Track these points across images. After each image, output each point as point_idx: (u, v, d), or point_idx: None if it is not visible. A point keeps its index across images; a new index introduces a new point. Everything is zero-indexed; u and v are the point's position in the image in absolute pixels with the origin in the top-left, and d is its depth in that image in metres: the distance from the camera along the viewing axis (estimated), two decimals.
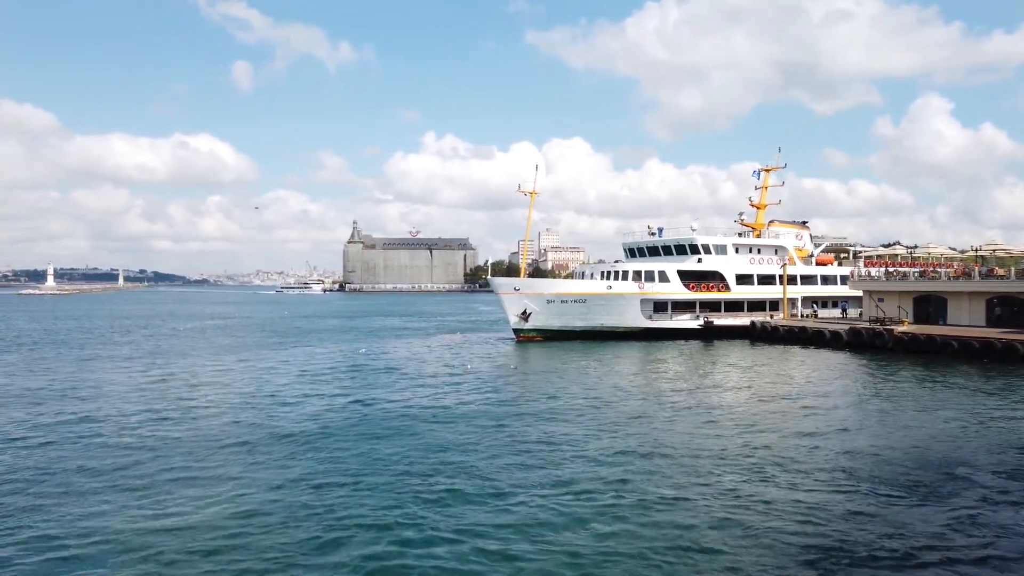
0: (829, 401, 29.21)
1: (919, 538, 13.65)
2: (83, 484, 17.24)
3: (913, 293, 53.18)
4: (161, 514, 15.03)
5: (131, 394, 31.21)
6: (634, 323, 58.88)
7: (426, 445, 21.27)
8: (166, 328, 78.43)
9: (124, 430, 23.51)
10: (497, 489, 16.73)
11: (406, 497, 16.14)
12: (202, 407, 27.90)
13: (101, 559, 12.77)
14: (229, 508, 15.36)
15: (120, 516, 14.91)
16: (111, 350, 52.34)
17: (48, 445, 21.34)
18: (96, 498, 16.16)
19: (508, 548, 13.11)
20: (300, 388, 33.17)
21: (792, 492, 16.47)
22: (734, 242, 64.63)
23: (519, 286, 59.13)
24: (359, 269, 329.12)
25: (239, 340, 62.15)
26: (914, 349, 45.26)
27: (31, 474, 18.14)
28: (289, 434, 22.91)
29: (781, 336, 55.52)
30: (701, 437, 22.37)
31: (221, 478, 17.72)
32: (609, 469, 18.52)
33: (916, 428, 23.79)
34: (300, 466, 18.93)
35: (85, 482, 17.44)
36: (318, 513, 15.12)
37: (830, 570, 12.14)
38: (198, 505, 15.60)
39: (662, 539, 13.58)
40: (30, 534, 13.95)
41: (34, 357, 47.28)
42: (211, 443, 21.57)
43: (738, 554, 12.82)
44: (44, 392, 31.90)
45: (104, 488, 16.91)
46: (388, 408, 27.71)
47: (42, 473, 18.23)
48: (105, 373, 38.79)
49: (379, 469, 18.60)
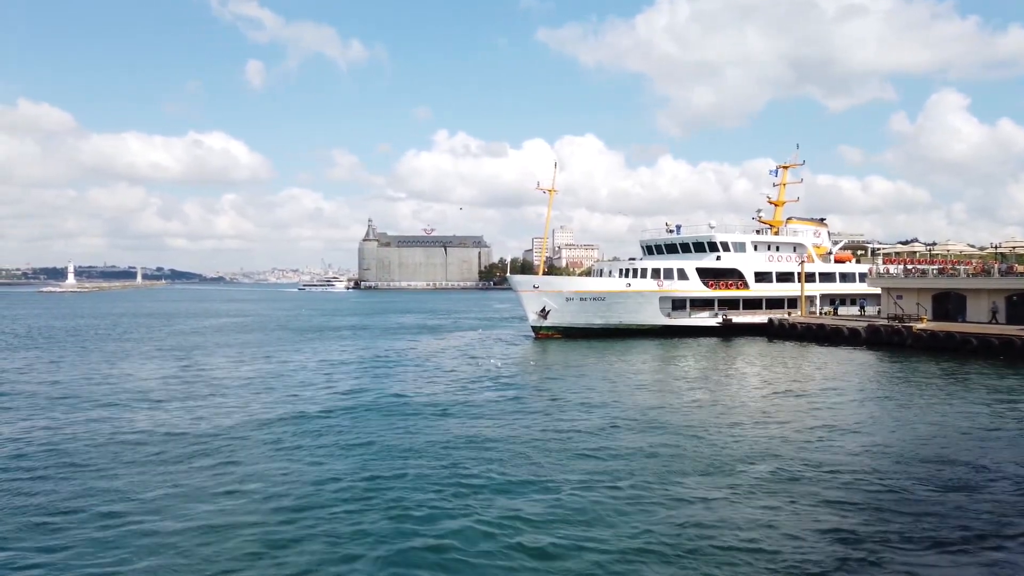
0: (849, 398, 29.62)
1: (946, 532, 14.05)
2: (130, 473, 18.11)
3: (932, 290, 53.30)
4: (200, 512, 15.80)
5: (194, 392, 32.18)
6: (653, 320, 59.37)
7: (457, 438, 21.97)
8: (205, 325, 79.77)
9: (194, 427, 24.39)
10: (524, 480, 17.36)
11: (448, 486, 16.81)
12: (239, 401, 28.79)
13: (162, 541, 13.57)
14: (274, 501, 16.10)
15: (180, 503, 15.74)
16: (167, 352, 53.49)
17: (95, 437, 22.23)
18: (149, 484, 17.00)
19: (536, 541, 13.57)
20: (333, 383, 33.98)
21: (816, 488, 16.89)
22: (753, 239, 64.90)
23: (538, 284, 59.76)
24: (374, 267, 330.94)
25: (277, 336, 63.26)
26: (933, 346, 45.45)
27: (69, 469, 19.00)
28: (326, 427, 23.70)
29: (799, 333, 55.82)
30: (722, 433, 22.88)
31: (265, 472, 18.46)
32: (633, 462, 19.11)
33: (937, 425, 24.16)
34: (338, 458, 19.68)
35: (132, 472, 18.30)
36: (365, 501, 15.86)
37: (858, 565, 12.57)
38: (252, 498, 16.38)
39: (687, 533, 14.03)
40: (85, 520, 14.77)
41: (73, 354, 48.50)
42: (256, 437, 22.40)
43: (762, 548, 13.23)
44: (96, 389, 32.93)
45: (159, 475, 17.76)
46: (418, 402, 28.41)
47: (84, 465, 19.11)
48: (160, 371, 39.85)
49: (416, 461, 19.31)
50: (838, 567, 12.42)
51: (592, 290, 59.45)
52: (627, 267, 61.40)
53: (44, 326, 78.01)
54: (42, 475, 18.01)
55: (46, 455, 19.98)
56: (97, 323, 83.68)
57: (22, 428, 23.66)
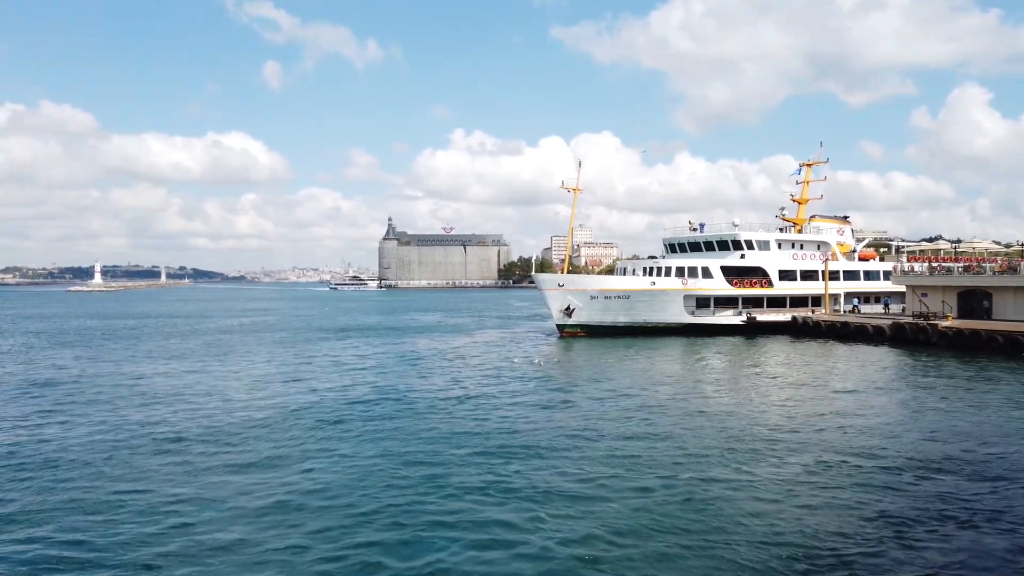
0: (879, 396, 30.10)
1: (974, 533, 14.49)
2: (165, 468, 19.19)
3: (957, 288, 53.33)
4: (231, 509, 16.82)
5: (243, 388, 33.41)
6: (677, 319, 59.89)
7: (489, 431, 22.89)
8: (241, 323, 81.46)
9: (247, 421, 25.52)
10: (554, 474, 18.16)
11: (480, 479, 17.73)
12: (276, 397, 29.94)
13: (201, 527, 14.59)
14: (315, 494, 16.99)
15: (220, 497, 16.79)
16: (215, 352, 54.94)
17: (137, 431, 23.41)
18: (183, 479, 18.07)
19: (570, 535, 14.09)
20: (366, 381, 35.04)
21: (844, 490, 17.26)
22: (777, 238, 65.15)
23: (563, 282, 60.51)
24: (394, 265, 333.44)
25: (311, 336, 64.67)
26: (959, 344, 45.63)
27: (113, 460, 20.13)
28: (360, 422, 24.72)
29: (823, 331, 56.12)
30: (749, 430, 23.47)
31: (304, 468, 19.30)
32: (665, 456, 19.88)
33: (965, 424, 24.48)
34: (371, 451, 20.65)
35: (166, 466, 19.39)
36: (400, 494, 16.81)
37: (888, 563, 13.03)
38: (299, 487, 17.41)
39: (720, 528, 14.60)
40: (124, 505, 15.84)
41: (120, 353, 50.05)
42: (295, 431, 23.48)
43: (790, 545, 13.71)
44: (149, 388, 34.26)
45: (201, 470, 18.84)
46: (449, 399, 29.37)
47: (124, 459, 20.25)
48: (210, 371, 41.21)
49: (449, 454, 20.23)
50: (874, 555, 13.11)
51: (616, 288, 60.10)
52: (651, 265, 61.92)
53: (96, 326, 79.88)
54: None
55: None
56: (151, 323, 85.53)
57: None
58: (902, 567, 12.51)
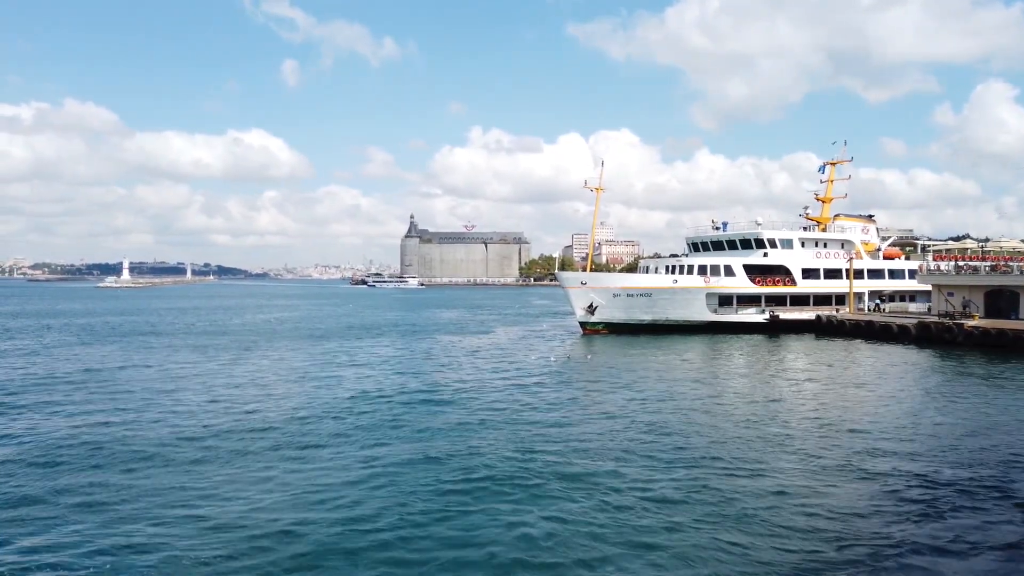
0: (904, 395, 30.24)
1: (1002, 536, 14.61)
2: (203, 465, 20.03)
3: (984, 287, 52.98)
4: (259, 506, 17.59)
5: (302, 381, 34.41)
6: (699, 317, 60.11)
7: (519, 424, 23.53)
8: (281, 317, 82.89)
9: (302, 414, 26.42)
10: (582, 469, 18.76)
11: (505, 476, 18.37)
12: (304, 395, 30.85)
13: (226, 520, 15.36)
14: (339, 491, 17.62)
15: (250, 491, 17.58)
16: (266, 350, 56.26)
17: (174, 426, 24.33)
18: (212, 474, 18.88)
19: (589, 530, 14.45)
20: (393, 378, 35.91)
21: (866, 494, 17.37)
22: (800, 236, 65.09)
23: (586, 280, 61.02)
24: (416, 263, 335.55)
25: (342, 333, 65.83)
26: (985, 343, 45.42)
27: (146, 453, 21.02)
28: (392, 418, 25.51)
29: (847, 330, 56.01)
30: (772, 429, 23.83)
31: (330, 465, 19.82)
32: (690, 454, 20.37)
33: (994, 425, 24.38)
34: (399, 448, 21.37)
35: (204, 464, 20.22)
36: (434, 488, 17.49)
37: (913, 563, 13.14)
38: (337, 482, 18.17)
39: (745, 528, 15.07)
40: (148, 495, 16.66)
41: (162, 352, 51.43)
42: (321, 427, 24.30)
43: (812, 546, 13.95)
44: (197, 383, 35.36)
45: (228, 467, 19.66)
46: (476, 396, 30.07)
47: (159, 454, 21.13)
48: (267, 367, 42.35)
49: (478, 450, 20.88)
50: (906, 554, 13.50)
51: (639, 286, 60.45)
52: (674, 264, 62.15)
53: (141, 322, 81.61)
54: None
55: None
56: (200, 319, 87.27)
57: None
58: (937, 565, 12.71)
